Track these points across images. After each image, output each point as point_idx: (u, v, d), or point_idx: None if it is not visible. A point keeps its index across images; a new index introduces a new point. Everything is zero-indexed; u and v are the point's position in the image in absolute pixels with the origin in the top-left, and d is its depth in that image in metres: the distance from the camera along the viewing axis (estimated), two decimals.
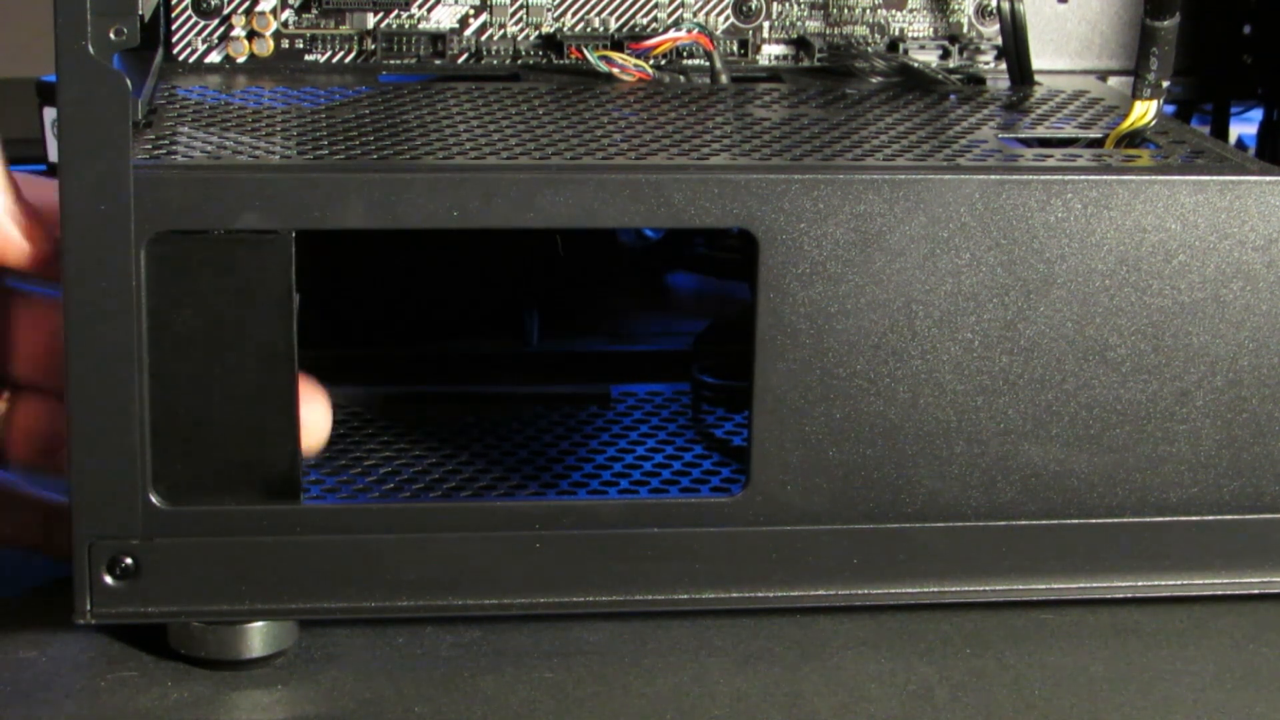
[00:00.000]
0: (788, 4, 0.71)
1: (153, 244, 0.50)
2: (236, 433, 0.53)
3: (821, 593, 0.56)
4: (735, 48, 0.71)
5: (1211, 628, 0.58)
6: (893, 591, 0.57)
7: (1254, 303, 0.55)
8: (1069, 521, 0.57)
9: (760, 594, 0.56)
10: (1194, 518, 0.57)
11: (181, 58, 0.68)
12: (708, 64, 0.69)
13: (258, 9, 0.68)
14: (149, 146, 0.54)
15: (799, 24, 0.71)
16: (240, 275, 0.51)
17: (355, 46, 0.69)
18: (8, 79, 0.96)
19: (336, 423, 0.65)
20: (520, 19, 0.70)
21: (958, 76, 0.69)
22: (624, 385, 0.70)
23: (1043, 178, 0.54)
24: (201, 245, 0.51)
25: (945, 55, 0.72)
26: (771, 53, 0.72)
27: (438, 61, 0.69)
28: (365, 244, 0.73)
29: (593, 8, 0.70)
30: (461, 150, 0.55)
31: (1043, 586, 0.57)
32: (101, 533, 0.52)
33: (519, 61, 0.70)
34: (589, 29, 0.70)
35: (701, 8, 0.70)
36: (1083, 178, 0.54)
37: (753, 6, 0.71)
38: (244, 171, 0.51)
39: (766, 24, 0.71)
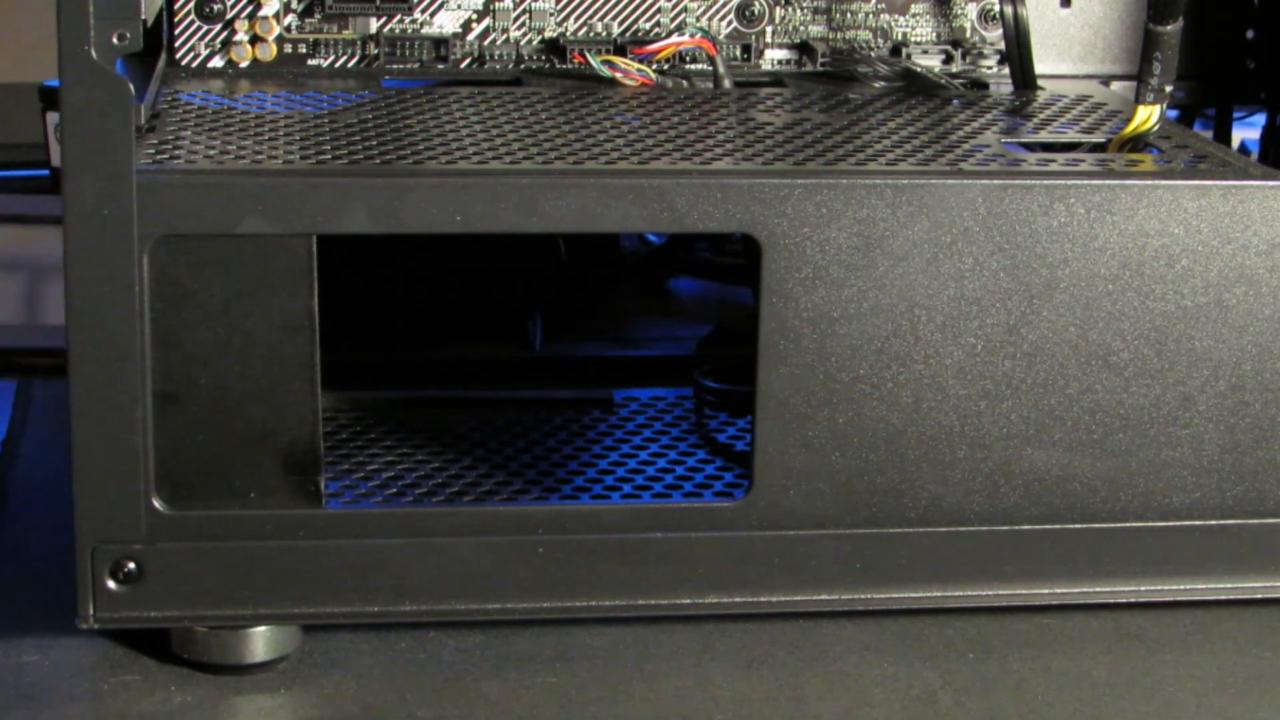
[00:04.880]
0: (791, 9, 0.71)
1: (155, 249, 0.50)
2: (242, 438, 0.53)
3: (824, 597, 0.56)
4: (738, 52, 0.71)
5: (1215, 632, 0.58)
6: (896, 596, 0.57)
7: (1257, 307, 0.55)
8: (1072, 526, 0.57)
9: (763, 598, 0.56)
10: (1197, 522, 0.57)
11: (184, 62, 0.68)
12: (711, 68, 0.69)
13: (260, 13, 0.68)
14: (152, 151, 0.54)
15: (802, 29, 0.71)
16: (244, 280, 0.51)
17: (358, 51, 0.69)
18: (11, 84, 0.96)
19: (341, 427, 0.65)
20: (523, 23, 0.70)
21: (960, 81, 0.69)
22: (627, 390, 0.70)
23: (1046, 182, 0.54)
24: (205, 250, 0.51)
25: (948, 60, 0.72)
26: (774, 57, 0.71)
27: (440, 66, 0.69)
28: (368, 249, 0.73)
29: (596, 12, 0.70)
30: (465, 155, 0.55)
31: (1046, 591, 0.57)
32: (104, 537, 0.52)
33: (522, 66, 0.70)
34: (592, 33, 0.70)
35: (704, 12, 0.70)
36: (1086, 182, 0.54)
37: (756, 11, 0.71)
38: (246, 177, 0.51)
39: (769, 29, 0.71)
